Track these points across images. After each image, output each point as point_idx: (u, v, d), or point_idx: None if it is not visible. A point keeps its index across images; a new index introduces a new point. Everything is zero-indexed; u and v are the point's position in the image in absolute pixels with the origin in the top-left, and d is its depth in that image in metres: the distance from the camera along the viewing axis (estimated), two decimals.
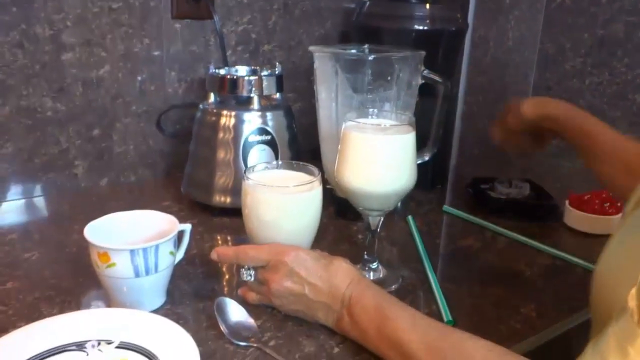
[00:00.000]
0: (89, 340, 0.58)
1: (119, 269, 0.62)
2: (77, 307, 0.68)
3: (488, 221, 0.98)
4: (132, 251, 0.62)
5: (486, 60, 1.34)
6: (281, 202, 0.65)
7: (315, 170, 0.69)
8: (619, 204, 0.96)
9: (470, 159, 1.35)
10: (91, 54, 0.99)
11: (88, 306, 0.68)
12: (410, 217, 0.95)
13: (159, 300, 0.68)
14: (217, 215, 0.94)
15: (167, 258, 0.65)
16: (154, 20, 1.03)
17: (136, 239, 0.68)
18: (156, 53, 1.05)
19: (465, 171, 1.28)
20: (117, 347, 0.58)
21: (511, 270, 0.82)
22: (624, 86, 1.26)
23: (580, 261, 0.84)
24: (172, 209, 0.97)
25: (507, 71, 1.37)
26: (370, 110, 0.74)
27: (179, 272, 0.72)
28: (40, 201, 1.00)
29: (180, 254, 0.70)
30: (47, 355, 0.56)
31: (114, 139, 1.06)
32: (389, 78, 0.87)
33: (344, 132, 0.70)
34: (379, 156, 0.67)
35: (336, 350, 0.61)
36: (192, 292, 0.71)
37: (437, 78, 0.91)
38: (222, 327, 0.61)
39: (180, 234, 0.70)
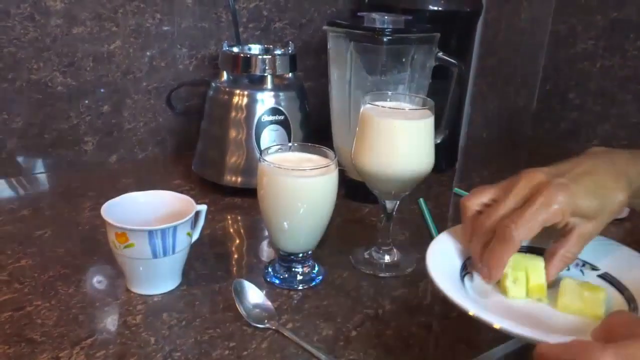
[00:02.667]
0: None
1: (137, 249, 0.62)
2: (93, 286, 0.68)
3: None
4: (150, 232, 0.62)
5: (497, 41, 1.32)
6: (298, 185, 0.65)
7: (330, 153, 0.69)
8: None
9: (479, 140, 1.35)
10: (102, 29, 0.97)
11: (104, 285, 0.68)
12: (421, 200, 0.95)
13: (175, 281, 0.68)
14: (228, 195, 0.94)
15: (185, 239, 0.65)
16: None
17: (152, 219, 0.68)
18: (167, 28, 1.03)
19: (474, 153, 1.28)
20: (598, 276, 0.60)
21: None
22: (635, 70, 1.25)
23: None
24: (183, 188, 0.97)
25: (518, 52, 1.35)
26: (389, 93, 0.73)
27: (193, 253, 0.72)
28: (50, 177, 1.00)
29: (195, 235, 0.70)
30: (527, 250, 0.61)
31: (124, 115, 1.05)
32: (403, 60, 0.86)
33: (363, 115, 0.69)
34: (399, 140, 0.67)
35: (354, 333, 0.61)
36: (207, 273, 0.72)
37: (451, 60, 0.90)
38: (240, 309, 0.62)
39: (196, 215, 0.70)
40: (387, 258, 0.76)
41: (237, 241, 0.82)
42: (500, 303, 0.57)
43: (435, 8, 1.00)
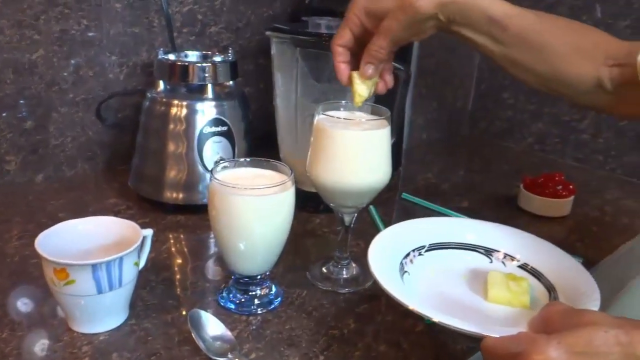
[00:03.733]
0: (497, 251, 0.68)
1: (79, 286, 0.56)
2: (29, 327, 0.61)
3: (446, 207, 0.97)
4: (94, 266, 0.56)
5: (435, 42, 1.33)
6: (254, 205, 0.61)
7: (285, 168, 0.65)
8: (571, 187, 0.98)
9: (421, 143, 1.35)
10: (23, 37, 0.89)
11: (42, 325, 0.62)
12: (372, 207, 0.93)
13: (123, 315, 0.62)
14: (169, 213, 0.88)
15: (132, 270, 0.60)
16: None
17: (94, 249, 0.62)
18: (94, 35, 0.96)
19: (417, 156, 1.28)
20: (518, 266, 0.66)
21: None
22: None
23: None
24: (120, 207, 0.90)
25: (455, 53, 1.36)
26: (343, 102, 0.70)
27: (139, 281, 0.67)
28: None
29: (142, 263, 0.65)
30: (457, 247, 0.69)
31: (50, 131, 0.97)
32: None
33: (318, 127, 0.66)
34: (358, 152, 0.64)
35: (321, 358, 0.58)
36: (156, 303, 0.66)
37: (397, 65, 0.88)
38: (199, 343, 0.57)
39: (142, 241, 0.64)
40: (345, 273, 0.73)
41: (185, 264, 0.77)
42: (436, 297, 0.61)
43: None
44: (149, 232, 0.65)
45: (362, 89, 0.65)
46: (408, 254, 0.65)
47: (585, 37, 0.67)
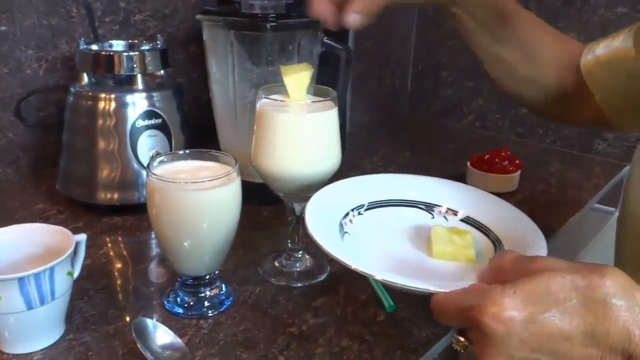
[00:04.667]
0: (439, 206, 0.65)
1: (6, 302, 0.50)
2: None
3: None
4: (21, 280, 0.50)
5: (372, 24, 1.30)
6: (198, 200, 0.56)
7: (229, 158, 0.61)
8: (517, 161, 0.98)
9: (363, 126, 1.33)
10: None
11: None
12: None
13: (59, 330, 0.57)
14: (104, 215, 0.82)
15: (65, 280, 0.54)
16: None
17: (21, 261, 0.56)
18: (6, 29, 0.88)
19: (360, 139, 1.25)
20: (461, 220, 0.64)
21: None
22: None
23: None
24: (49, 212, 0.83)
25: (392, 35, 1.35)
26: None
27: (74, 291, 0.61)
28: None
29: (77, 271, 0.59)
30: (397, 204, 0.66)
31: None
32: (290, 47, 0.80)
33: (260, 112, 0.62)
34: (305, 137, 0.60)
35: (281, 358, 0.54)
36: (96, 314, 0.60)
37: (337, 45, 0.85)
38: (146, 354, 0.52)
39: (75, 248, 0.58)
40: (298, 265, 0.70)
41: (125, 268, 0.71)
42: (379, 256, 0.58)
43: None
44: (82, 237, 0.59)
45: (294, 82, 0.62)
46: (347, 214, 0.62)
47: (564, 44, 0.68)
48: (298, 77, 0.62)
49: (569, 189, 1.00)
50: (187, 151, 0.62)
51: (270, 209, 0.86)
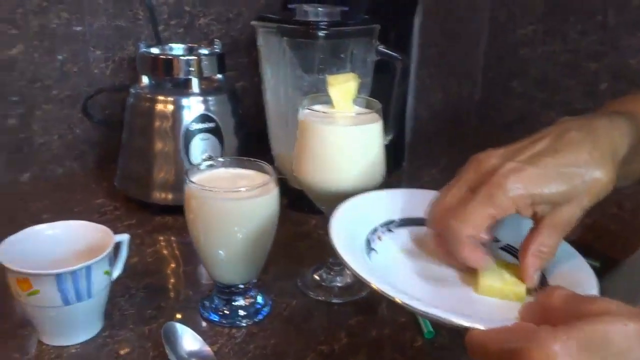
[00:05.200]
0: None
1: (44, 296, 0.52)
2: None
3: None
4: (58, 276, 0.52)
5: (437, 31, 1.27)
6: (232, 210, 0.56)
7: (268, 167, 0.60)
8: None
9: (425, 136, 1.29)
10: None
11: (10, 338, 0.57)
12: None
13: (96, 326, 0.58)
14: (157, 214, 0.84)
15: (102, 279, 0.56)
16: None
17: (63, 257, 0.58)
18: (77, 29, 0.92)
19: (421, 150, 1.22)
20: (501, 248, 0.54)
21: None
22: (576, 54, 1.22)
23: None
24: (107, 208, 0.86)
25: (459, 41, 1.30)
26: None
27: (117, 288, 0.63)
28: None
29: (117, 271, 0.61)
30: None
31: (34, 129, 0.93)
32: (342, 55, 0.78)
33: (303, 123, 0.61)
34: (348, 150, 0.59)
35: None
36: (134, 313, 0.62)
37: (393, 53, 0.83)
38: (172, 359, 0.53)
39: (116, 247, 0.60)
40: (339, 280, 0.68)
41: (171, 269, 0.72)
42: (409, 281, 0.49)
43: None
44: (124, 237, 0.61)
45: (338, 93, 0.60)
46: (375, 230, 0.55)
47: None
48: (343, 88, 0.60)
49: None
50: (229, 158, 0.62)
51: (318, 217, 0.85)
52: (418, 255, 0.53)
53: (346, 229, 0.51)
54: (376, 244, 0.53)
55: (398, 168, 1.09)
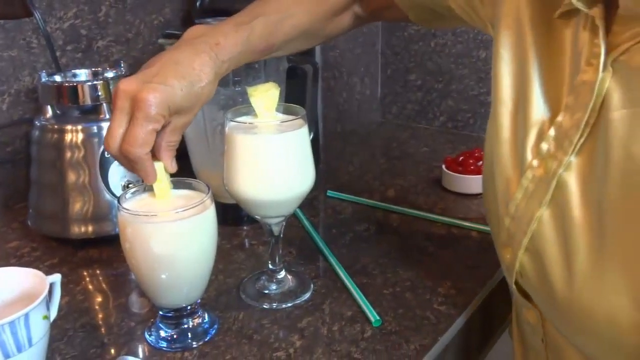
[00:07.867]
0: None
1: None
2: None
3: (373, 199, 0.95)
4: None
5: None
6: (171, 232, 0.55)
7: (202, 185, 0.60)
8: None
9: (336, 136, 1.33)
10: None
11: None
12: (298, 210, 0.89)
13: None
14: (80, 248, 0.80)
15: (42, 325, 0.53)
16: None
17: None
18: None
19: (335, 149, 1.25)
20: None
21: (415, 248, 0.80)
22: (466, 44, 1.30)
23: (474, 225, 0.85)
24: (23, 250, 0.81)
25: (357, 42, 1.35)
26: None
27: (53, 332, 0.60)
28: None
29: (53, 314, 0.58)
30: None
31: None
32: (256, 66, 0.79)
33: (229, 136, 0.61)
34: (278, 158, 0.60)
35: None
36: (78, 355, 0.59)
37: (304, 59, 0.85)
38: None
39: (49, 289, 0.57)
40: (281, 286, 0.69)
41: (104, 303, 0.69)
42: None
43: None
44: (56, 277, 0.58)
45: (261, 103, 0.62)
46: None
47: None
48: (265, 97, 0.61)
49: None
50: None
51: (248, 228, 0.85)
52: None
53: None
54: None
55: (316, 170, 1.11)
